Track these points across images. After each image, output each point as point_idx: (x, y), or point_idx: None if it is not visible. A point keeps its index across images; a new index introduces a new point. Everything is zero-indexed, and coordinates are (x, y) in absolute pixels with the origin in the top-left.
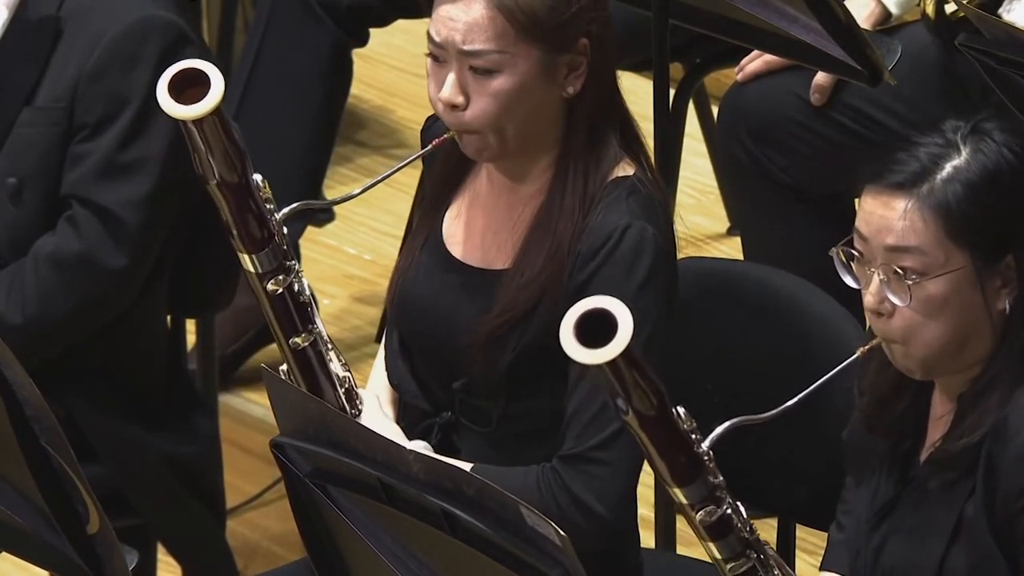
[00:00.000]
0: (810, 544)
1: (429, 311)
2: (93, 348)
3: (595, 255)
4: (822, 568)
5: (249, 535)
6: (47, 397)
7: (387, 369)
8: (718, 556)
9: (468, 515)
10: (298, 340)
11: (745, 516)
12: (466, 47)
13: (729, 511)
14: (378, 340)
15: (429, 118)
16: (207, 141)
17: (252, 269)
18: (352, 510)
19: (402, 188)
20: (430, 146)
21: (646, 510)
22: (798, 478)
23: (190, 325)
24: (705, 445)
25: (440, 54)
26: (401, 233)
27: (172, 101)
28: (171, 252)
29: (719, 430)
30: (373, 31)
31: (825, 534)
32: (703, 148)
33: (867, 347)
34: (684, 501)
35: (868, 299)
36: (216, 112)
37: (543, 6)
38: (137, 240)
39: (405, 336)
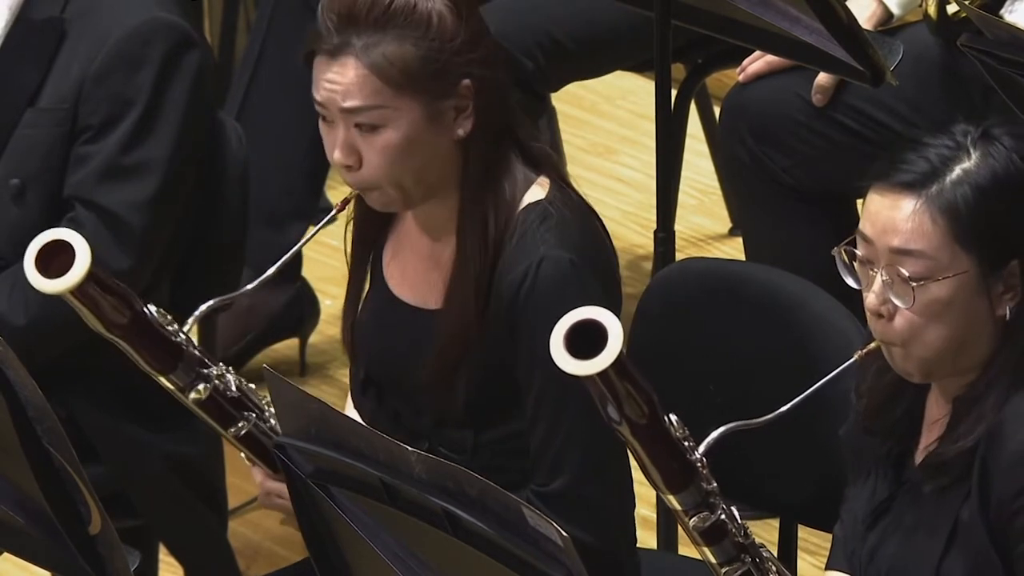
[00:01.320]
0: (812, 544)
1: (382, 351)
2: (95, 348)
3: (515, 299)
4: (828, 567)
5: (251, 535)
6: (49, 397)
7: (356, 407)
8: (713, 560)
9: (470, 516)
10: (239, 427)
11: (739, 521)
12: (346, 104)
13: (723, 516)
14: None
15: None
16: (92, 302)
17: (171, 387)
18: (354, 510)
19: None
20: (335, 210)
21: (647, 510)
22: (799, 478)
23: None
24: (699, 451)
25: (326, 114)
26: None
27: (42, 278)
28: (174, 253)
29: (713, 436)
30: None
31: (827, 534)
32: (705, 148)
33: (864, 350)
34: (678, 507)
35: (870, 300)
36: (88, 277)
37: (415, 58)
38: (140, 242)
39: (366, 375)
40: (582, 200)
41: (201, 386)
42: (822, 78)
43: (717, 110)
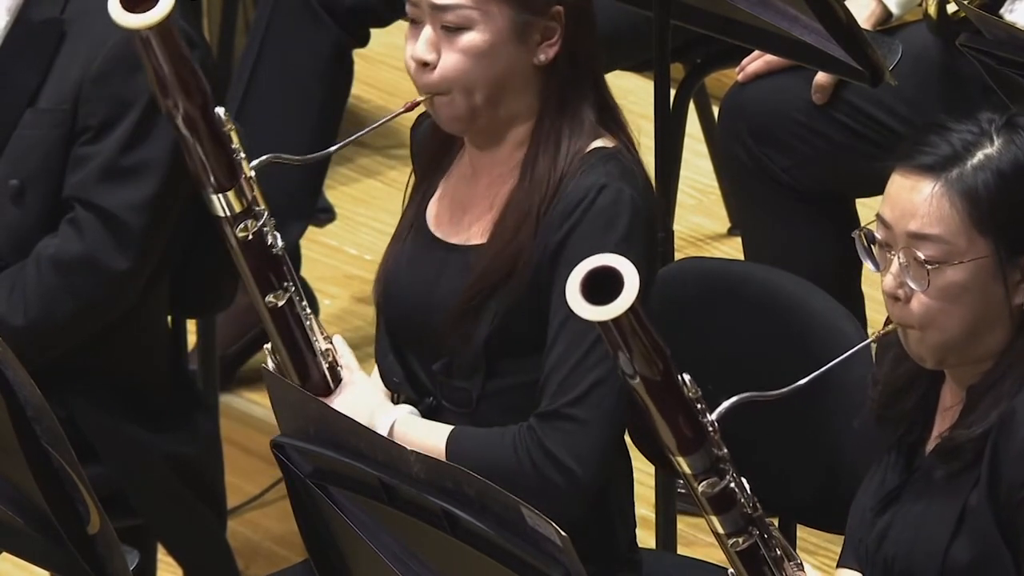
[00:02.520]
0: (811, 544)
1: (410, 292)
2: (94, 348)
3: (570, 214)
4: (839, 565)
5: (250, 535)
6: (48, 397)
7: (376, 359)
8: (720, 530)
9: (469, 515)
10: (273, 298)
11: (749, 492)
12: (439, 0)
13: (732, 484)
14: None
15: (420, 117)
16: (160, 57)
17: (220, 213)
18: (353, 510)
19: (402, 188)
20: (402, 108)
21: (646, 510)
22: (799, 478)
23: (191, 325)
24: (712, 417)
25: (415, 13)
26: None
27: (122, 10)
28: (173, 253)
29: (727, 404)
30: (374, 31)
31: (826, 534)
32: (704, 148)
33: (881, 331)
34: (687, 471)
35: (887, 282)
36: (167, 28)
37: None
38: (139, 243)
39: (390, 322)
40: (642, 165)
41: (250, 222)
42: (821, 78)
43: (716, 110)
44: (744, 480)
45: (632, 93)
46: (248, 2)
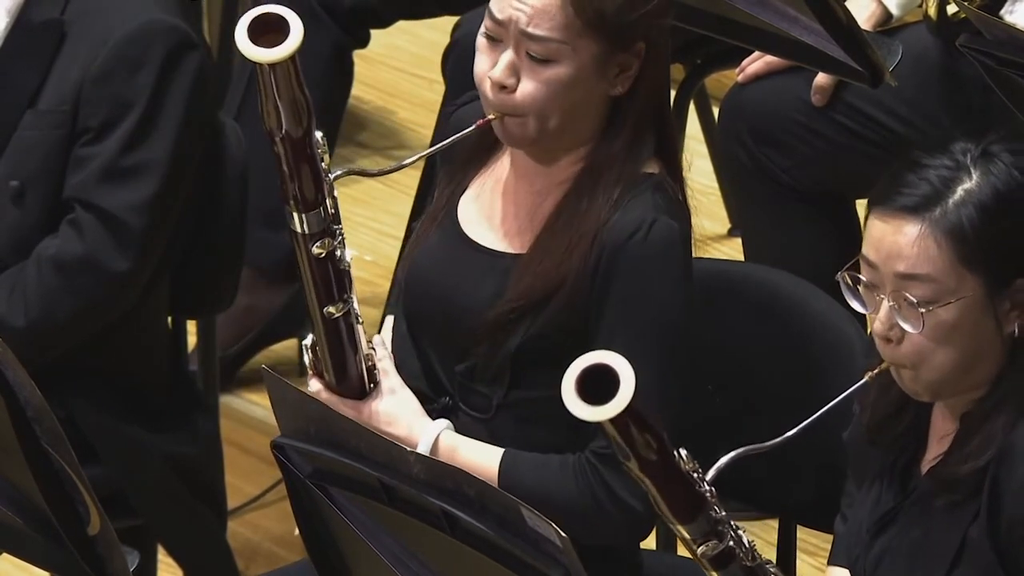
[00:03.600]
0: (811, 545)
1: (438, 290)
2: (94, 349)
3: (622, 247)
4: (830, 563)
5: (250, 536)
6: (48, 398)
7: (393, 349)
8: None
9: (469, 516)
10: (332, 309)
11: (748, 544)
12: (530, 29)
13: (731, 543)
14: None
15: (452, 105)
16: (278, 88)
17: (300, 230)
18: (353, 511)
19: (403, 189)
20: (473, 127)
21: None
22: (799, 479)
23: (191, 326)
24: (708, 479)
25: (498, 33)
26: (402, 234)
27: (250, 43)
28: (173, 253)
29: (722, 462)
30: (374, 32)
31: (826, 535)
32: (704, 149)
33: (875, 371)
34: (687, 536)
35: (877, 326)
36: (292, 60)
37: (613, 4)
38: (140, 244)
39: (412, 315)
40: (685, 194)
41: (326, 240)
42: (821, 78)
43: (716, 110)
44: (743, 534)
45: None
46: (248, 2)
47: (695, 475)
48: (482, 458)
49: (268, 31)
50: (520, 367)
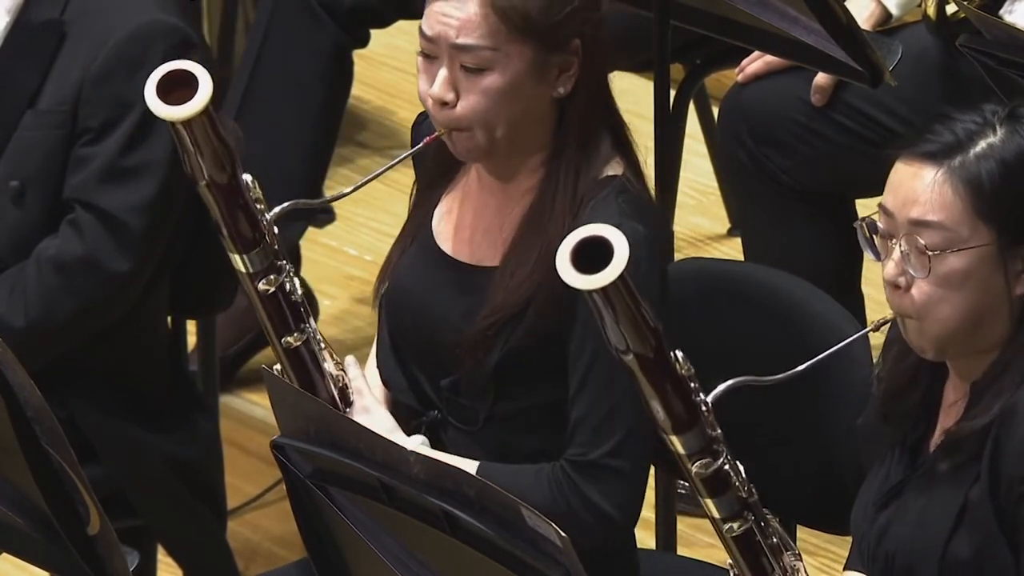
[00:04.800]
0: (811, 545)
1: (418, 307)
2: (94, 349)
3: None
4: (846, 568)
5: (250, 536)
6: (48, 398)
7: (378, 364)
8: (716, 515)
9: (469, 516)
10: (290, 340)
11: (744, 476)
12: (459, 40)
13: (726, 467)
14: None
15: (420, 115)
16: (196, 142)
17: (243, 269)
18: (352, 511)
19: (402, 189)
20: (420, 144)
21: (646, 511)
22: (799, 479)
23: (191, 326)
24: (708, 399)
25: (431, 50)
26: None
27: (160, 102)
28: (172, 253)
29: (722, 387)
30: (374, 32)
31: (826, 535)
32: (704, 149)
33: (880, 321)
34: (681, 450)
35: (887, 270)
36: (205, 113)
37: (537, 6)
38: (140, 244)
39: (394, 330)
40: (649, 190)
41: (272, 277)
42: (821, 78)
43: (716, 110)
44: (740, 465)
45: (632, 93)
46: (248, 3)
47: (692, 384)
48: None
49: (178, 88)
50: (503, 380)
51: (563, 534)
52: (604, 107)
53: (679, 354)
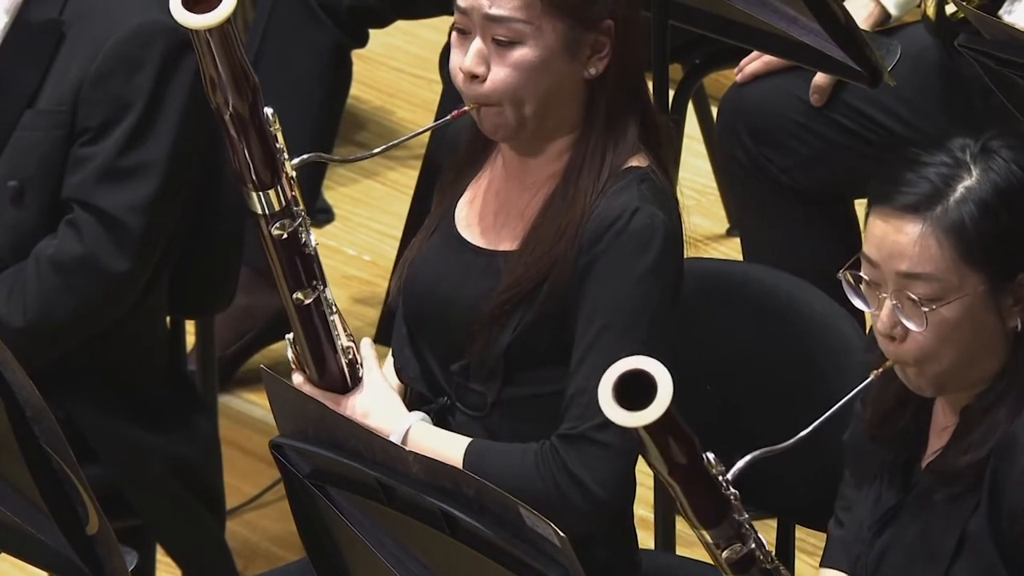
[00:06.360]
0: (809, 545)
1: (433, 290)
2: (93, 349)
3: (601, 237)
4: (822, 565)
5: (249, 536)
6: (47, 398)
7: (393, 352)
8: None
9: (467, 516)
10: (301, 295)
11: (766, 547)
12: (492, 11)
13: (753, 546)
14: (377, 341)
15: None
16: (220, 57)
17: (258, 210)
18: (351, 511)
19: (402, 189)
20: (448, 116)
21: (645, 511)
22: (798, 479)
23: (190, 326)
24: (730, 477)
25: (465, 23)
26: (400, 234)
27: (185, 11)
28: (171, 253)
29: (740, 464)
30: (373, 32)
31: (825, 535)
32: (702, 149)
33: (880, 370)
34: (711, 541)
35: (880, 324)
36: (229, 24)
37: None
38: (139, 244)
39: (410, 317)
40: (674, 185)
41: (286, 222)
42: (820, 79)
43: (715, 110)
44: (762, 537)
45: None
46: (247, 2)
47: (720, 479)
48: (448, 448)
49: (202, 1)
50: (513, 365)
51: (561, 534)
52: (634, 95)
53: (710, 456)
